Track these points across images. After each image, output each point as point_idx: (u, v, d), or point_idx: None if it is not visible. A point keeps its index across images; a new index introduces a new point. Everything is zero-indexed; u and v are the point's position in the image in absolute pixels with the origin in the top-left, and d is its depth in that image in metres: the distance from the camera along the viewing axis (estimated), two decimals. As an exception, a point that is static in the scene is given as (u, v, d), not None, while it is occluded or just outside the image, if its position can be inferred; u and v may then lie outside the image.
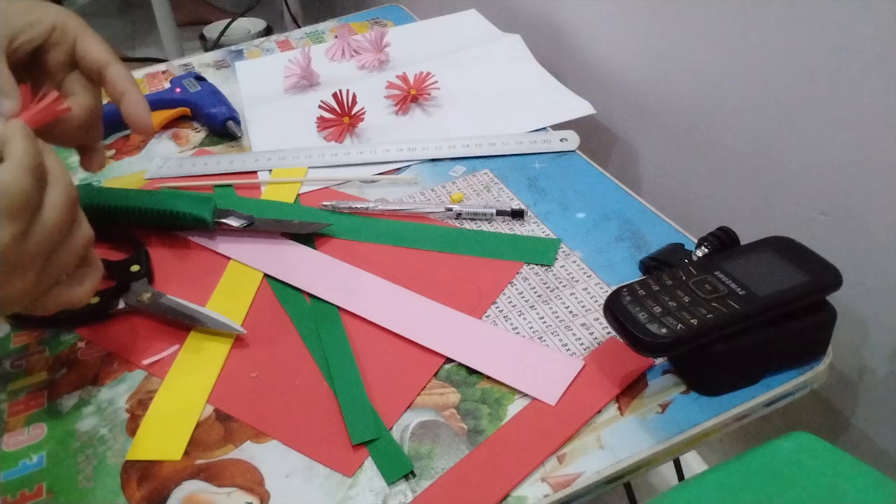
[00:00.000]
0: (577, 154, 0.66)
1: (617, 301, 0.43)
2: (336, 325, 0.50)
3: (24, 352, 0.50)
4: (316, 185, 0.64)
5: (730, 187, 0.63)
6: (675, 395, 0.44)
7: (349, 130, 0.71)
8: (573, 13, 0.79)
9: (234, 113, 0.73)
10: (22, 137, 0.36)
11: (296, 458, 0.42)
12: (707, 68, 0.62)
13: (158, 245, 0.57)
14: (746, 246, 0.47)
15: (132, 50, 1.99)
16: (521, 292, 0.52)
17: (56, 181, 0.37)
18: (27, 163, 0.35)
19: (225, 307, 0.52)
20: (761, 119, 0.58)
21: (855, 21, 0.47)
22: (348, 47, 0.85)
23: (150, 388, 0.47)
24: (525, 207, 0.59)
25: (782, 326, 0.42)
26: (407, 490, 0.40)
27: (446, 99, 0.75)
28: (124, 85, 0.47)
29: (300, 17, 1.72)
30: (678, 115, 0.67)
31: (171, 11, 1.61)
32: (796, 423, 0.61)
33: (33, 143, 0.36)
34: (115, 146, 0.73)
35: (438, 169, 0.66)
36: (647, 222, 0.57)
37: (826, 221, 0.54)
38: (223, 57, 0.90)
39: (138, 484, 0.41)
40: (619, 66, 0.74)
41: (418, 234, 0.57)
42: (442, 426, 0.43)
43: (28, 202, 0.35)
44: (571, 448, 0.41)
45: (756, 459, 0.41)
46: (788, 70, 0.54)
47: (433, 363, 0.47)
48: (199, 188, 0.65)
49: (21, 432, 0.45)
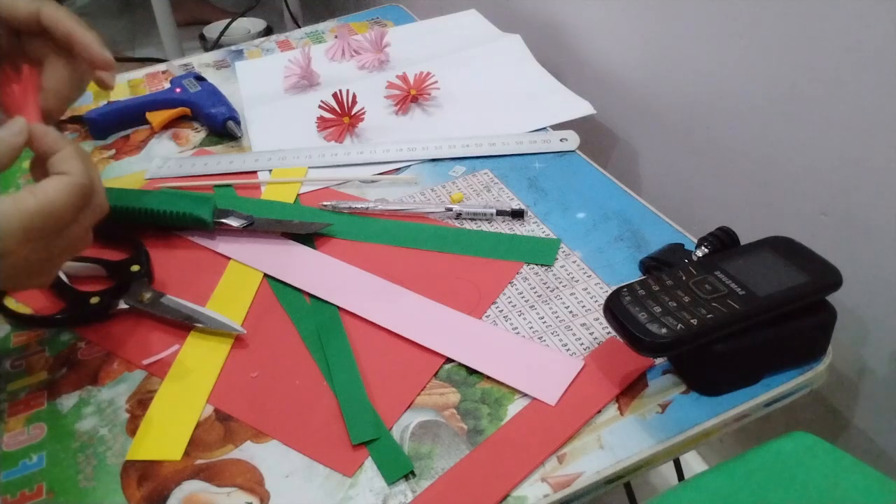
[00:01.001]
0: (577, 154, 0.66)
1: (617, 301, 0.43)
2: (336, 325, 0.50)
3: (24, 352, 0.50)
4: (316, 185, 0.64)
5: (730, 187, 0.63)
6: (675, 395, 0.44)
7: (349, 130, 0.71)
8: (573, 13, 0.79)
9: (234, 113, 0.73)
10: (74, 158, 0.41)
11: (296, 458, 0.42)
12: (707, 68, 0.62)
13: (158, 245, 0.57)
14: (746, 246, 0.47)
15: (132, 50, 1.99)
16: (521, 292, 0.52)
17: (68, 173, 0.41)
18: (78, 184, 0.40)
19: (225, 307, 0.52)
20: (761, 119, 0.58)
21: (855, 21, 0.47)
22: (348, 47, 0.85)
23: (150, 388, 0.47)
24: (525, 207, 0.59)
25: (782, 326, 0.42)
26: (407, 490, 0.40)
27: (446, 99, 0.75)
28: (67, 24, 0.46)
29: (300, 17, 1.72)
30: (678, 115, 0.67)
31: (171, 11, 1.61)
32: (796, 423, 0.61)
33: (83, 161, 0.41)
34: (115, 146, 0.73)
35: (438, 169, 0.66)
36: (647, 222, 0.57)
37: (826, 221, 0.54)
38: (223, 57, 0.90)
39: (138, 484, 0.41)
40: (619, 66, 0.74)
41: (418, 234, 0.57)
42: (442, 426, 0.43)
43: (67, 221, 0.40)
44: (571, 448, 0.41)
45: (756, 459, 0.41)
46: (788, 70, 0.54)
47: (433, 363, 0.47)
48: (199, 188, 0.65)
49: (21, 432, 0.45)
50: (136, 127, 0.75)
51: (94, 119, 0.73)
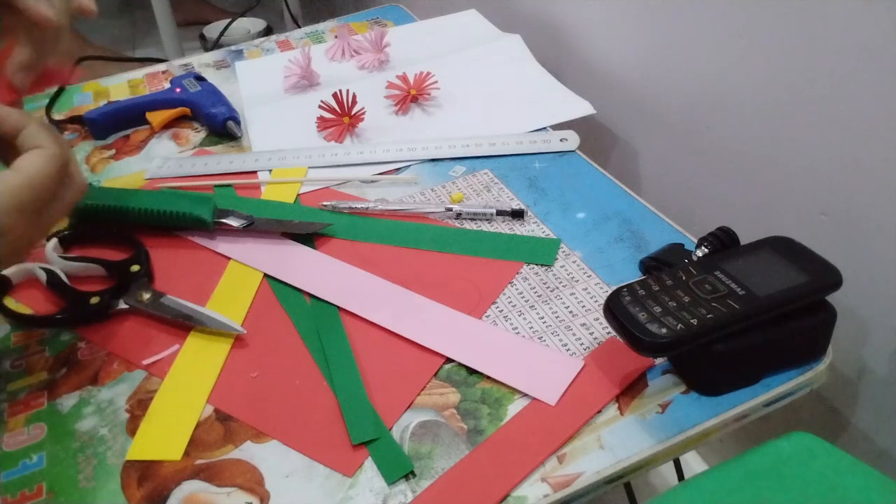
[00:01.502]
0: (577, 154, 0.66)
1: (617, 301, 0.43)
2: (336, 325, 0.50)
3: (24, 352, 0.50)
4: (316, 185, 0.64)
5: (730, 187, 0.63)
6: (675, 395, 0.44)
7: (349, 130, 0.71)
8: (573, 13, 0.79)
9: (234, 113, 0.73)
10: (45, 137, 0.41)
11: (296, 458, 0.42)
12: (707, 68, 0.62)
13: (158, 245, 0.57)
14: (746, 246, 0.47)
15: (132, 50, 1.99)
16: (521, 292, 0.52)
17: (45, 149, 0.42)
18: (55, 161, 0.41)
19: (225, 307, 0.52)
20: (761, 119, 0.58)
21: (855, 21, 0.47)
22: (348, 47, 0.85)
23: (150, 388, 0.47)
24: (525, 207, 0.59)
25: (782, 326, 0.42)
26: (407, 490, 0.40)
27: (446, 99, 0.75)
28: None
29: (300, 17, 1.72)
30: (678, 115, 0.67)
31: (171, 11, 1.61)
32: (796, 423, 0.61)
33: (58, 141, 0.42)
34: (115, 146, 0.73)
35: (438, 169, 0.66)
36: (647, 222, 0.57)
37: (826, 221, 0.54)
38: (223, 57, 0.90)
39: (138, 484, 0.41)
40: (619, 66, 0.74)
41: (418, 234, 0.57)
42: (442, 426, 0.43)
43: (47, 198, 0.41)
44: (571, 448, 0.41)
45: (756, 459, 0.41)
46: (788, 70, 0.54)
47: (433, 363, 0.47)
48: (199, 188, 0.65)
49: (21, 432, 0.45)
50: (136, 127, 0.75)
51: (94, 119, 0.73)
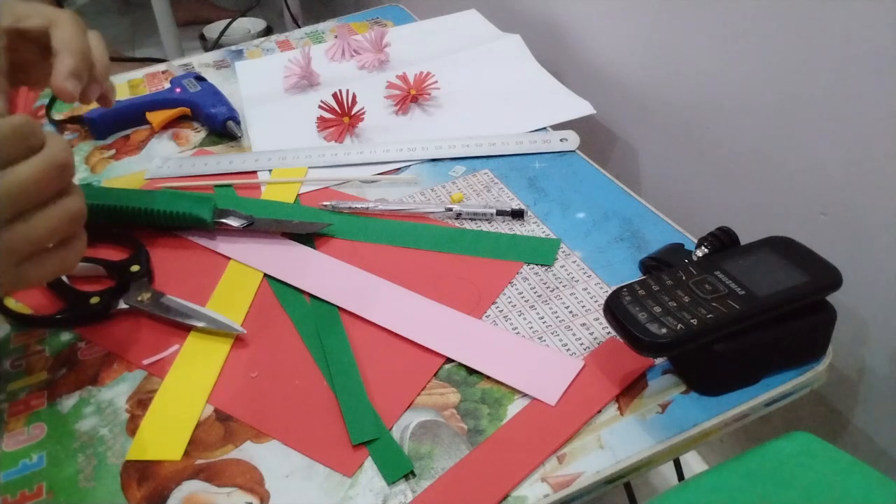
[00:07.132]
0: (577, 154, 0.66)
1: (617, 301, 0.43)
2: (336, 325, 0.50)
3: (24, 352, 0.50)
4: (316, 185, 0.64)
5: (730, 187, 0.63)
6: (675, 395, 0.44)
7: (349, 130, 0.71)
8: (573, 13, 0.79)
9: (234, 113, 0.73)
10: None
11: (296, 458, 0.42)
12: (707, 68, 0.62)
13: (158, 245, 0.57)
14: (746, 246, 0.47)
15: (132, 50, 1.99)
16: (521, 292, 0.52)
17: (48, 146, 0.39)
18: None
19: (225, 307, 0.52)
20: (761, 119, 0.58)
21: (855, 21, 0.47)
22: (348, 47, 0.85)
23: (150, 388, 0.47)
24: (525, 207, 0.59)
25: (782, 326, 0.42)
26: (407, 490, 0.40)
27: (446, 99, 0.75)
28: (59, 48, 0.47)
29: (300, 17, 1.72)
30: (678, 115, 0.67)
31: (171, 11, 1.62)
32: (796, 423, 0.61)
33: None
34: (115, 146, 0.73)
35: (438, 169, 0.66)
36: (647, 222, 0.57)
37: (826, 221, 0.54)
38: (223, 57, 0.90)
39: (138, 484, 0.41)
40: (619, 66, 0.74)
41: (418, 234, 0.57)
42: (442, 426, 0.43)
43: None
44: (571, 448, 0.41)
45: (756, 459, 0.41)
46: (788, 70, 0.54)
47: (433, 363, 0.47)
48: (199, 188, 0.65)
49: (21, 432, 0.45)
50: (136, 127, 0.75)
51: (94, 119, 0.73)
